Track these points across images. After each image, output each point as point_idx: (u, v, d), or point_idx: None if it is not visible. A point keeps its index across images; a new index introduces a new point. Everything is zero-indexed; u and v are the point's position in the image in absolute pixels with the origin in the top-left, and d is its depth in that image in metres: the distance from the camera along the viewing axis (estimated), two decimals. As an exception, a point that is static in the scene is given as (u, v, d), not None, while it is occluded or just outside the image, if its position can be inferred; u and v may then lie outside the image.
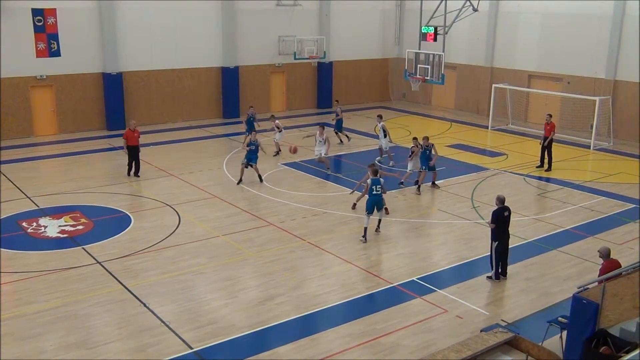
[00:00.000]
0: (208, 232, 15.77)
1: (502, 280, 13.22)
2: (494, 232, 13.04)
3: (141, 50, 28.03)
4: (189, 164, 22.31)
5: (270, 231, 15.90)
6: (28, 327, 11.13)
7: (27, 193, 18.67)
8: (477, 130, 28.97)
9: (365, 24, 35.11)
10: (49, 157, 23.35)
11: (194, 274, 13.42)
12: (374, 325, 11.34)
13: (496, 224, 12.94)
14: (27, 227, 15.96)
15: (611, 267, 10.57)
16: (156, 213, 17.16)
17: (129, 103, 28.00)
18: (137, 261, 14.00)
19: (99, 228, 16.02)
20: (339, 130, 25.81)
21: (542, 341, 10.30)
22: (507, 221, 13.08)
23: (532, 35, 29.80)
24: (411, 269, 13.78)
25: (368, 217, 15.31)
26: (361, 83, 35.77)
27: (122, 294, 12.43)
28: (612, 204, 18.29)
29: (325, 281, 13.13)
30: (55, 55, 24.94)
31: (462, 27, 28.84)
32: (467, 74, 32.88)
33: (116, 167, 21.80)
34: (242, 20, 30.45)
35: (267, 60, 31.85)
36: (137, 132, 20.49)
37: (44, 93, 26.36)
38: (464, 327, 11.28)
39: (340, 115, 25.86)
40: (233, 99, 30.70)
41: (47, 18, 24.60)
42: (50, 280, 13.00)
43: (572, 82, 28.24)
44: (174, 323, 11.29)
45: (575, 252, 14.75)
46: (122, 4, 27.06)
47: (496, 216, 12.95)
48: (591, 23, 27.16)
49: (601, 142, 25.84)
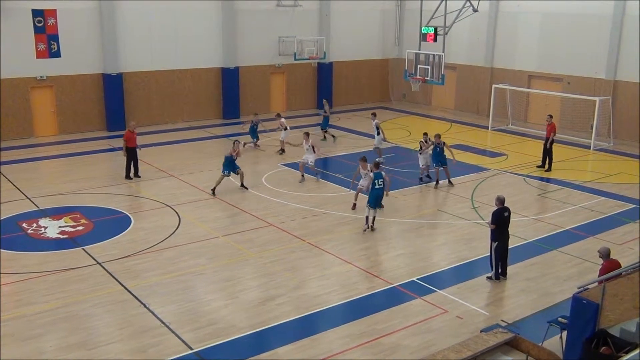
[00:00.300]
0: (208, 233, 15.77)
1: (502, 281, 13.22)
2: (494, 232, 13.05)
3: (141, 51, 28.04)
4: (189, 164, 22.31)
5: (270, 232, 15.91)
6: (28, 327, 11.13)
7: (27, 194, 18.68)
8: (477, 130, 28.97)
9: (365, 24, 35.13)
10: (49, 158, 23.37)
11: (194, 274, 13.43)
12: (374, 326, 11.35)
13: (496, 225, 12.95)
14: (27, 228, 15.97)
15: (611, 267, 10.57)
16: (156, 214, 17.17)
17: (129, 104, 28.01)
18: (138, 262, 14.00)
19: (99, 229, 16.02)
20: (324, 128, 26.33)
21: (542, 341, 10.31)
22: (507, 222, 13.09)
23: (532, 35, 29.82)
24: (411, 270, 13.78)
25: (369, 209, 15.80)
26: (361, 83, 35.78)
27: (122, 294, 12.43)
28: (612, 204, 18.30)
29: (325, 282, 13.13)
30: (56, 56, 24.99)
31: (462, 28, 28.84)
32: (467, 74, 32.88)
33: (116, 167, 21.80)
34: (242, 21, 30.46)
35: (267, 60, 31.87)
36: (135, 134, 20.53)
37: (44, 94, 26.36)
38: (464, 328, 11.28)
39: (327, 113, 26.36)
40: (233, 100, 30.71)
41: (47, 19, 24.65)
42: (50, 281, 13.00)
43: (572, 82, 28.24)
44: (174, 324, 11.29)
45: (575, 253, 14.75)
46: (122, 5, 27.08)
47: (496, 217, 12.96)
48: (591, 23, 27.17)
49: (601, 143, 25.85)
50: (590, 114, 26.33)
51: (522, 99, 30.12)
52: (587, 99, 26.33)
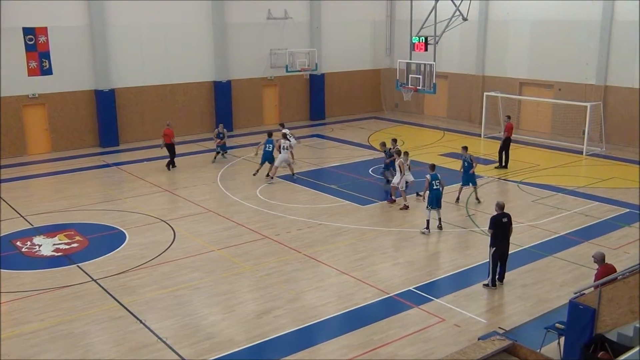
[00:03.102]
0: (203, 247, 15.73)
1: (498, 287, 13.22)
2: (492, 238, 13.10)
3: (133, 67, 28.07)
4: (183, 179, 22.29)
5: (265, 244, 15.88)
6: (24, 347, 11.06)
7: (21, 212, 18.61)
8: (469, 138, 29.04)
9: (356, 35, 35.29)
10: (43, 176, 23.30)
11: (190, 289, 13.38)
12: (372, 336, 11.32)
13: (494, 230, 12.99)
14: (21, 247, 15.90)
15: (606, 272, 10.58)
16: (151, 229, 17.12)
17: (121, 119, 28.00)
18: (133, 278, 13.95)
19: (93, 245, 15.96)
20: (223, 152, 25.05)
21: (540, 348, 10.31)
22: (506, 227, 13.11)
23: (522, 43, 30.01)
24: (407, 279, 13.78)
25: (429, 211, 16.44)
26: (353, 94, 35.88)
27: (118, 311, 12.37)
28: (606, 209, 18.35)
29: (321, 293, 13.11)
30: (47, 74, 24.99)
31: (453, 37, 29.01)
32: (459, 82, 33.04)
33: (110, 183, 21.77)
34: (233, 35, 30.56)
35: (259, 73, 31.94)
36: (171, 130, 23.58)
37: (36, 111, 26.33)
38: (462, 336, 11.27)
39: (224, 140, 24.91)
40: (226, 113, 30.72)
41: (38, 36, 24.68)
42: (45, 299, 12.93)
43: (563, 88, 28.40)
44: (171, 339, 11.24)
45: (570, 258, 14.78)
46: (112, 21, 27.12)
47: (494, 222, 13.03)
48: (580, 29, 27.37)
49: (593, 148, 25.96)
50: (581, 119, 26.45)
51: (513, 106, 30.25)
52: (579, 104, 26.48)
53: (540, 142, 27.32)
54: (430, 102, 34.80)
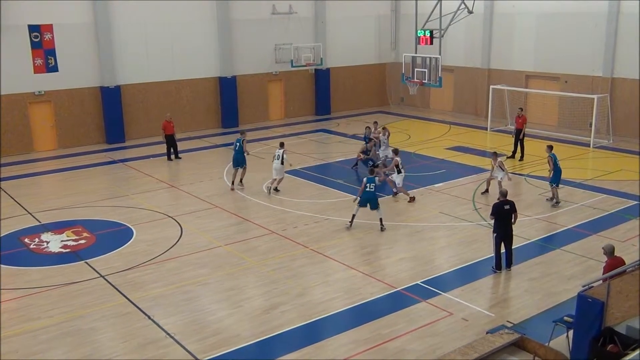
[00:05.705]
0: (210, 242, 15.75)
1: (505, 273, 13.39)
2: (495, 224, 13.48)
3: (138, 63, 28.09)
4: (189, 174, 22.32)
5: (272, 239, 15.89)
6: (33, 343, 11.10)
7: (29, 209, 18.68)
8: (476, 132, 28.97)
9: (361, 29, 35.20)
10: (50, 173, 23.37)
11: (198, 284, 13.40)
12: (379, 331, 11.31)
13: (496, 217, 13.35)
14: (29, 243, 15.96)
15: (615, 264, 10.56)
16: (158, 225, 17.15)
17: (127, 116, 28.05)
18: (141, 274, 13.98)
19: (101, 242, 16.01)
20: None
21: (549, 341, 10.26)
22: (508, 214, 13.42)
23: (528, 35, 29.85)
24: (414, 273, 13.76)
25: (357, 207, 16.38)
26: (359, 89, 35.82)
27: (126, 307, 12.40)
28: (613, 202, 18.27)
29: (328, 288, 13.11)
30: (53, 71, 25.11)
31: (458, 30, 28.85)
32: (465, 76, 32.92)
33: (117, 180, 21.81)
34: (238, 30, 30.53)
35: (264, 69, 31.92)
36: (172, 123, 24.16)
37: (42, 109, 26.40)
38: (470, 330, 11.25)
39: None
40: (231, 109, 30.74)
41: (43, 34, 24.78)
42: (53, 295, 12.98)
43: (570, 80, 28.26)
44: (179, 335, 11.26)
45: (578, 251, 14.73)
46: (118, 18, 27.14)
47: (496, 209, 13.41)
48: (587, 21, 27.20)
49: (601, 140, 25.85)
50: (588, 112, 26.33)
51: (520, 99, 30.13)
52: (585, 97, 26.34)
53: (547, 135, 27.19)
54: (436, 95, 34.70)
